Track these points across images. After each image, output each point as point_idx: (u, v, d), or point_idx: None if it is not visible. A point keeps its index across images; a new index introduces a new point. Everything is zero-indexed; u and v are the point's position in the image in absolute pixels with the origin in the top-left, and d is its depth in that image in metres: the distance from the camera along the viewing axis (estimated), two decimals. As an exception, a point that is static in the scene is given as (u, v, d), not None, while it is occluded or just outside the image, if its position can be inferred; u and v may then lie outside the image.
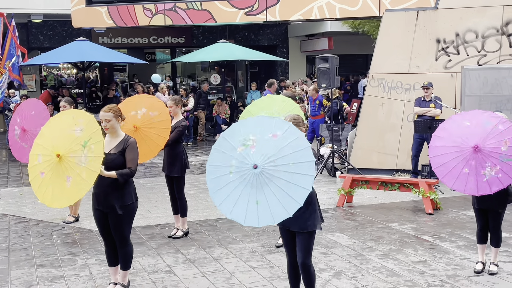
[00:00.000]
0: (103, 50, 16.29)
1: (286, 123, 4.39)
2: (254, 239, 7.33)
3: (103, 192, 5.21)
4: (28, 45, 20.26)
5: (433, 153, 5.75)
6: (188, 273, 6.13)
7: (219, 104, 18.24)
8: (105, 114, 5.24)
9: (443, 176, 5.63)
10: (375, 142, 11.44)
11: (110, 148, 5.23)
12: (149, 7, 14.45)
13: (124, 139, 5.27)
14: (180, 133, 7.26)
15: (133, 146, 5.26)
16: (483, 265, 6.03)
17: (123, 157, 5.19)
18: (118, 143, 5.25)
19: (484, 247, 6.07)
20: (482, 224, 5.99)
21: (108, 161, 5.13)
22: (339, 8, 12.56)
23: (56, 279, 6.03)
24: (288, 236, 4.80)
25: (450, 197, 9.49)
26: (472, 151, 5.50)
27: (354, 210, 8.80)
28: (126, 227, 5.33)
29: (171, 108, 7.33)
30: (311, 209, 4.68)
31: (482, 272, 5.95)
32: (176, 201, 7.47)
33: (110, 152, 5.20)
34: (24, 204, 9.45)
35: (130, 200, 5.28)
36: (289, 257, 4.89)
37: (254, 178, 4.23)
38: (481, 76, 10.85)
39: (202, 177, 11.60)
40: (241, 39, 21.84)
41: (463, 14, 11.15)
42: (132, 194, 5.32)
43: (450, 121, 5.88)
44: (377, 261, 6.41)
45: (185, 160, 7.37)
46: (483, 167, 5.49)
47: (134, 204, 5.33)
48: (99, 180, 5.16)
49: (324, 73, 11.22)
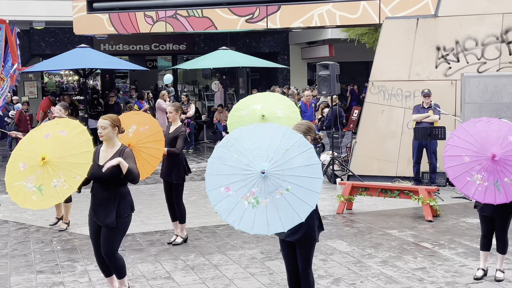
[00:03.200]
0: (104, 57, 16.33)
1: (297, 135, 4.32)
2: (253, 245, 7.34)
3: (99, 204, 5.21)
4: (30, 52, 20.33)
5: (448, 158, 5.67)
6: (187, 279, 6.14)
7: (220, 111, 18.27)
8: (102, 121, 5.26)
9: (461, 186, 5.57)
10: (375, 149, 11.46)
11: (106, 158, 5.21)
12: (150, 15, 14.50)
13: (119, 150, 5.26)
14: (184, 139, 7.32)
15: (130, 155, 5.24)
16: (483, 272, 6.02)
17: (117, 169, 5.12)
18: (114, 153, 5.23)
19: (487, 254, 6.04)
20: (487, 230, 5.97)
21: (102, 174, 5.13)
22: (339, 16, 12.60)
23: (55, 286, 6.04)
24: (287, 247, 4.76)
25: (450, 204, 9.49)
26: (490, 159, 5.46)
27: (354, 217, 8.80)
28: (117, 240, 5.30)
29: (170, 114, 7.35)
30: (311, 220, 4.58)
31: (482, 279, 5.96)
32: (174, 208, 7.47)
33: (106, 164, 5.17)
34: (24, 210, 9.47)
35: (126, 212, 5.28)
36: (289, 268, 4.82)
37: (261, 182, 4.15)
38: (481, 83, 10.88)
39: (202, 183, 11.61)
40: (242, 46, 21.90)
41: (463, 21, 11.18)
42: (129, 206, 5.32)
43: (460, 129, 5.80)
44: (376, 268, 6.42)
45: (185, 166, 7.39)
46: (501, 176, 5.43)
47: (129, 217, 5.32)
48: (97, 192, 5.20)
49: (325, 80, 11.26)
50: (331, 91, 11.26)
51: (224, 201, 4.20)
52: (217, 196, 4.24)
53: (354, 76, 22.86)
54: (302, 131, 4.62)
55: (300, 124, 4.79)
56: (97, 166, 5.18)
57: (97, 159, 5.24)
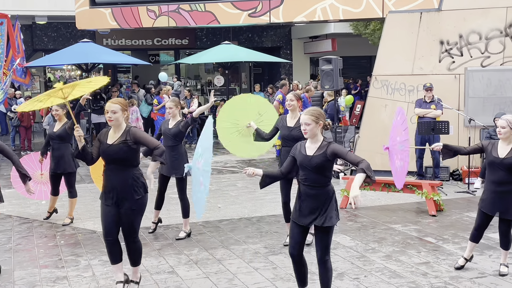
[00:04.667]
0: (107, 52, 16.30)
1: None
2: (257, 240, 7.34)
3: (115, 187, 5.23)
4: (33, 47, 20.34)
5: None
6: (191, 274, 6.14)
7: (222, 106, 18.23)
8: (112, 105, 5.25)
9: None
10: (378, 144, 11.40)
11: (114, 140, 5.24)
12: (153, 9, 14.47)
13: (125, 130, 5.27)
14: (187, 125, 7.30)
15: (138, 131, 5.29)
16: (465, 261, 6.13)
17: (127, 147, 5.19)
18: (121, 134, 5.25)
19: (474, 245, 6.13)
20: (481, 225, 5.99)
21: (112, 153, 5.19)
22: (343, 10, 12.56)
23: (59, 280, 6.04)
24: (295, 229, 4.87)
25: (453, 199, 9.48)
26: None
27: (357, 211, 8.79)
28: (137, 220, 5.36)
29: (171, 109, 7.34)
30: (331, 206, 4.77)
31: (462, 269, 6.05)
32: (162, 197, 7.58)
33: (114, 143, 5.22)
34: (28, 205, 9.48)
35: (140, 193, 5.30)
36: (292, 250, 4.91)
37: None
38: (484, 77, 10.86)
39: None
40: (245, 41, 21.87)
41: (467, 15, 11.14)
42: (142, 188, 5.33)
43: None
44: (380, 262, 6.41)
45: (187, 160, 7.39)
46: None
47: (144, 197, 5.36)
48: (110, 176, 5.23)
49: (328, 74, 11.24)
50: (334, 86, 11.24)
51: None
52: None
53: (357, 71, 22.81)
54: (315, 117, 4.78)
55: (313, 110, 4.88)
56: (106, 145, 5.23)
57: (105, 139, 5.28)
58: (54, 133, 8.15)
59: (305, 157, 4.79)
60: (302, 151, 4.84)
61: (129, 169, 5.26)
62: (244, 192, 10.29)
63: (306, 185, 4.80)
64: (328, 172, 4.82)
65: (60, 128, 8.12)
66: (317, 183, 4.77)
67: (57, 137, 8.13)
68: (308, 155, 4.78)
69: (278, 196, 7.04)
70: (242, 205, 9.31)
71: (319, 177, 4.77)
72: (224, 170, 12.59)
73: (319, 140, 4.81)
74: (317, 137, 4.81)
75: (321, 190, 4.78)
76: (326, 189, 4.79)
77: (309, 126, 4.77)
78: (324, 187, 4.79)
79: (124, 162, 5.23)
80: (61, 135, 8.10)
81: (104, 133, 5.34)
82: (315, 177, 4.76)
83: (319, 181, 4.77)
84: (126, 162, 5.23)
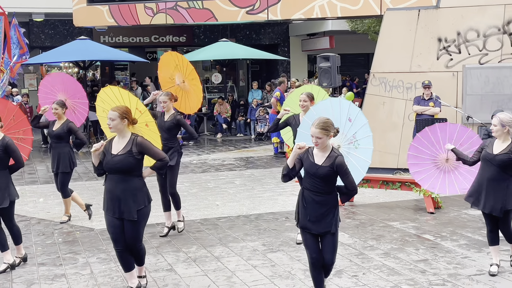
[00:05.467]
0: (104, 49, 16.29)
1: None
2: (255, 237, 7.34)
3: (117, 198, 5.18)
4: (30, 44, 20.25)
5: None
6: (189, 271, 6.14)
7: (220, 103, 18.24)
8: (110, 112, 5.20)
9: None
10: (376, 141, 11.28)
11: (118, 149, 5.18)
12: (151, 6, 14.45)
13: (130, 140, 5.21)
14: (185, 123, 7.38)
15: (145, 142, 5.23)
16: (497, 267, 5.92)
17: (132, 158, 5.14)
18: (125, 144, 5.19)
19: (497, 248, 5.98)
20: (491, 225, 5.92)
21: (115, 163, 5.13)
22: (340, 7, 12.56)
23: (57, 278, 6.03)
24: (310, 238, 4.91)
25: (451, 196, 9.47)
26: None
27: (356, 209, 8.80)
28: (141, 231, 5.35)
29: (165, 103, 7.31)
30: (335, 211, 4.85)
31: (498, 275, 5.89)
32: (166, 197, 7.49)
33: (118, 154, 5.16)
34: (25, 202, 9.46)
35: (143, 203, 5.26)
36: (311, 259, 4.93)
37: None
38: (482, 75, 10.85)
39: (203, 176, 11.61)
40: (242, 38, 21.84)
41: (465, 13, 11.13)
42: (146, 197, 5.30)
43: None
44: (378, 259, 6.41)
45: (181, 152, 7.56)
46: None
47: (147, 207, 5.33)
48: (113, 185, 5.18)
49: (326, 72, 11.24)
50: (332, 83, 11.24)
51: None
52: None
53: (356, 68, 22.81)
54: (325, 130, 4.74)
55: (323, 123, 4.78)
56: (110, 156, 5.17)
57: (109, 149, 5.21)
58: (52, 132, 8.10)
59: (313, 165, 4.78)
60: (310, 158, 4.82)
61: (132, 179, 5.21)
62: (242, 189, 10.28)
63: (312, 191, 4.82)
64: (334, 180, 4.83)
65: (59, 127, 8.05)
66: (323, 190, 4.79)
67: (55, 136, 8.06)
68: (316, 164, 4.77)
69: (276, 193, 7.04)
70: (240, 202, 9.30)
71: (325, 184, 4.78)
72: (222, 168, 12.58)
73: (328, 148, 4.80)
74: (327, 146, 4.81)
75: (326, 196, 4.80)
76: (331, 196, 4.82)
77: (321, 139, 4.73)
78: (330, 194, 4.82)
79: (128, 173, 5.18)
80: (59, 134, 8.02)
81: (109, 143, 5.26)
82: (321, 185, 4.78)
83: (325, 189, 4.79)
84: (130, 173, 5.19)
